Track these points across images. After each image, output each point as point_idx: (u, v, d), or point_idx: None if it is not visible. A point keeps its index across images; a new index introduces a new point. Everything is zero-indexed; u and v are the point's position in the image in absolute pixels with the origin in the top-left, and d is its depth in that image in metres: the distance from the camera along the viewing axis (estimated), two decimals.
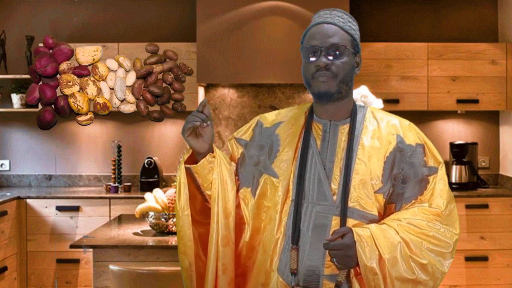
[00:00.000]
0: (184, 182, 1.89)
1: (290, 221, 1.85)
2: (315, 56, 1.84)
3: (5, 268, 4.60)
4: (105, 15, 5.39)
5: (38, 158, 5.44)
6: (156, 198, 3.38)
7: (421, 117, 5.28)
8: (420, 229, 1.82)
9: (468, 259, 4.81)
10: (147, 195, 3.43)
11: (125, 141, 5.34)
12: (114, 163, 5.15)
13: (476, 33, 5.38)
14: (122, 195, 4.95)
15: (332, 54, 1.83)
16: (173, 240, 3.21)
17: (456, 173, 5.11)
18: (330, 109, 1.89)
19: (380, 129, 1.90)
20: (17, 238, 4.80)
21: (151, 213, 3.34)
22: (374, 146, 1.87)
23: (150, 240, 3.24)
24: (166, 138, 5.41)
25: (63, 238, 4.80)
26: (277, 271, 1.86)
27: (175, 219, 2.20)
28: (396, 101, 4.98)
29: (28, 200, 4.86)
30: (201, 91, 5.18)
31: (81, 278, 4.82)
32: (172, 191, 3.40)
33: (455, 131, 5.41)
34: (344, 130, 1.89)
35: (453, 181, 5.10)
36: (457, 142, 5.21)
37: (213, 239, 1.88)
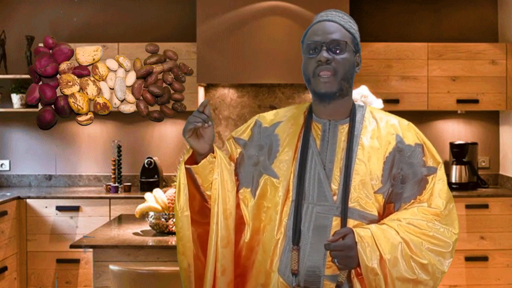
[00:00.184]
0: (184, 183, 1.89)
1: (290, 221, 1.84)
2: (316, 51, 1.84)
3: (5, 268, 4.59)
4: (105, 15, 5.39)
5: (38, 158, 5.44)
6: (156, 198, 3.38)
7: (421, 117, 5.28)
8: (420, 229, 1.82)
9: (468, 259, 4.81)
10: (147, 195, 3.43)
11: (125, 141, 5.34)
12: (114, 163, 5.14)
13: (476, 33, 5.38)
14: (122, 195, 4.94)
15: (333, 49, 1.84)
16: (173, 240, 3.21)
17: (456, 173, 5.11)
18: (329, 108, 1.88)
19: (379, 129, 1.90)
20: (17, 238, 4.79)
21: (151, 213, 3.34)
22: (374, 146, 1.87)
23: (150, 240, 3.24)
24: (166, 138, 5.41)
25: (63, 238, 4.80)
26: (277, 271, 1.86)
27: (175, 220, 2.20)
28: (396, 101, 4.98)
29: (28, 200, 4.85)
30: (201, 91, 5.18)
31: (81, 278, 4.82)
32: (172, 191, 3.40)
33: (455, 131, 5.41)
34: (344, 130, 1.89)
35: (453, 181, 5.10)
36: (457, 142, 5.21)
37: (212, 240, 1.87)
